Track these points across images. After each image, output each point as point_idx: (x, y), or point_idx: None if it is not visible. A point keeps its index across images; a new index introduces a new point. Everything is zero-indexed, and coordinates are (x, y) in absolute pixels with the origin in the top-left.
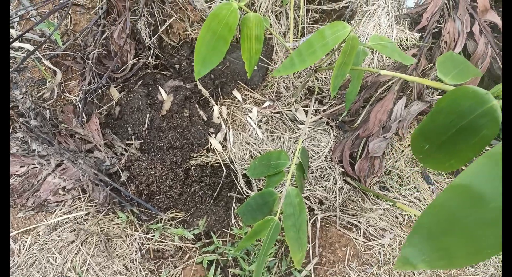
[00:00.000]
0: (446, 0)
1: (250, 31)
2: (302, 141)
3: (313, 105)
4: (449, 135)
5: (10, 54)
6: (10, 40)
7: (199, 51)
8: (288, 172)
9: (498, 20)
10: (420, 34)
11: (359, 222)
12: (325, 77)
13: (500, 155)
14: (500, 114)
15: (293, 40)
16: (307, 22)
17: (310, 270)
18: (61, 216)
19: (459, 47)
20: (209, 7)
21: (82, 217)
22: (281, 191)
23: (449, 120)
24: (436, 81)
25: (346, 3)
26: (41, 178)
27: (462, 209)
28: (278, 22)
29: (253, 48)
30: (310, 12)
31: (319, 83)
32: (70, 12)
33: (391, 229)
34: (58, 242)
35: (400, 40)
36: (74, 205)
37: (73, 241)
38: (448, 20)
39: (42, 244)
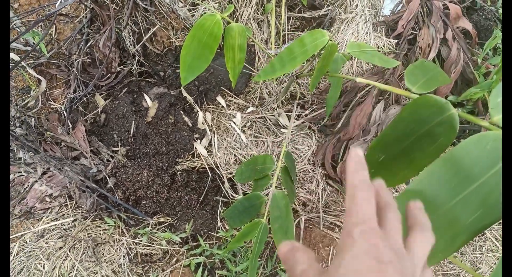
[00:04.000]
0: (420, 8)
1: (234, 40)
2: (286, 145)
3: (295, 110)
4: (407, 143)
5: None
6: None
7: (184, 59)
8: (273, 175)
9: (469, 27)
10: (396, 41)
11: (341, 222)
12: (306, 83)
13: (453, 160)
14: (457, 122)
15: (275, 47)
16: (288, 29)
17: None
18: (48, 223)
19: (433, 52)
20: (192, 15)
21: (69, 224)
22: (268, 194)
23: (409, 129)
24: (405, 89)
25: (325, 11)
26: (28, 186)
27: None
28: (260, 30)
29: (237, 57)
30: (291, 19)
31: (300, 88)
32: (55, 22)
33: None
34: (45, 248)
35: (378, 47)
36: (61, 212)
37: (60, 248)
38: (422, 27)
39: (30, 251)
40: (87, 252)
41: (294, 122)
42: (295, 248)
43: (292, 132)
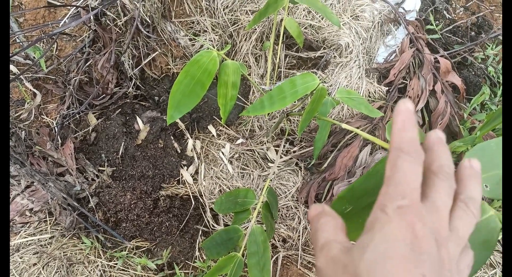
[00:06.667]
0: (412, 59)
1: (228, 77)
2: (270, 180)
3: (284, 146)
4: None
5: None
6: None
7: (174, 96)
8: (255, 209)
9: (458, 82)
10: (387, 88)
11: None
12: (297, 120)
13: None
14: None
15: (270, 83)
16: (284, 66)
17: None
18: (25, 237)
19: (421, 103)
20: (193, 45)
21: (46, 240)
22: (247, 228)
23: (381, 183)
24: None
25: (321, 53)
26: (10, 198)
27: None
28: (257, 64)
29: (229, 94)
30: (288, 57)
31: (291, 125)
32: (57, 40)
33: None
34: (19, 263)
35: (369, 92)
36: (39, 227)
37: (34, 264)
38: (413, 78)
39: None
40: (60, 271)
41: (281, 157)
42: (323, 212)
43: (278, 167)
